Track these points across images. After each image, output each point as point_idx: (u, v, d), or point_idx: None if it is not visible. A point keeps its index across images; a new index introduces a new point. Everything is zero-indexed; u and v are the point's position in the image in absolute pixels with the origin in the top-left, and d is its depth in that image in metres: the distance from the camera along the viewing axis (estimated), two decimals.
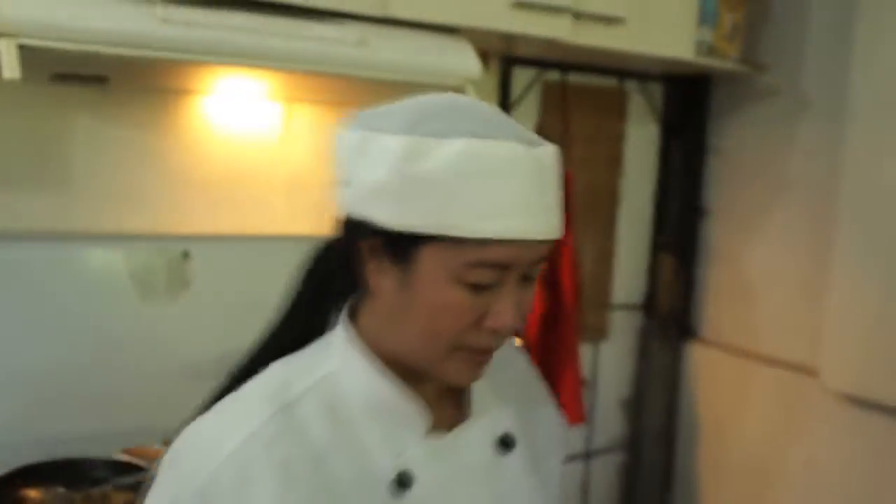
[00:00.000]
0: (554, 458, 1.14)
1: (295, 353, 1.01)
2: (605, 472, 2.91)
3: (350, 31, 1.82)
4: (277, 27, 1.74)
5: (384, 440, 0.95)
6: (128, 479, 1.69)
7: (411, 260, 0.90)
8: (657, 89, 2.85)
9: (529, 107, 2.57)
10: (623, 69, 2.71)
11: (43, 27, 1.52)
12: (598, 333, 2.81)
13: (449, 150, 0.87)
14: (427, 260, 0.89)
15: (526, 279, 0.94)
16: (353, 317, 1.00)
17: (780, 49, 2.63)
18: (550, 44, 2.20)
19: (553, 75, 2.59)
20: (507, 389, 1.08)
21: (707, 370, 2.86)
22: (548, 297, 2.54)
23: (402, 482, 0.94)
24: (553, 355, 2.56)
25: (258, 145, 2.17)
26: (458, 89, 1.97)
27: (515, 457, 1.05)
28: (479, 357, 0.95)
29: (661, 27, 2.35)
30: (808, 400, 2.53)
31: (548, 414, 1.16)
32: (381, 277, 0.93)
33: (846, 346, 2.41)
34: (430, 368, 0.95)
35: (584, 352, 2.69)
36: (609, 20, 2.20)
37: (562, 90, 2.61)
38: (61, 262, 1.90)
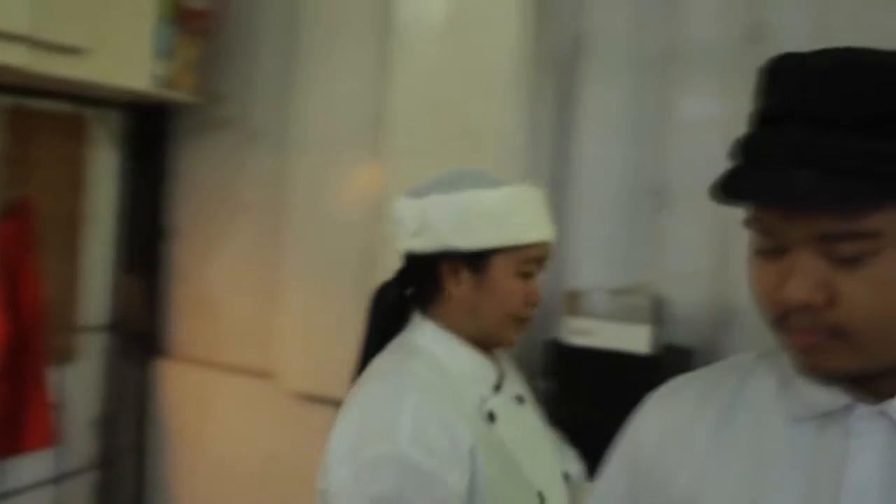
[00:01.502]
0: None
1: (387, 347, 1.48)
2: (79, 493, 2.94)
3: None
4: None
5: (473, 389, 1.41)
6: None
7: (486, 268, 1.40)
8: (117, 117, 2.95)
9: None
10: (83, 96, 2.77)
11: None
12: (66, 355, 2.83)
13: (497, 194, 1.40)
14: (497, 265, 1.40)
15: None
16: (427, 317, 1.45)
17: (233, 82, 2.88)
18: (5, 70, 2.21)
19: (9, 101, 2.58)
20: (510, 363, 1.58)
21: (176, 384, 3.01)
22: (11, 321, 2.52)
23: (491, 417, 1.40)
24: (19, 379, 2.56)
25: None
26: None
27: (529, 407, 1.54)
28: (524, 325, 1.45)
29: (119, 59, 2.47)
30: (267, 401, 2.79)
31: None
32: (458, 285, 1.41)
33: (296, 351, 2.70)
34: (498, 339, 1.45)
35: (52, 374, 2.70)
36: (68, 50, 2.27)
37: (20, 116, 2.61)
38: None
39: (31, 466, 2.73)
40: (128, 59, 2.50)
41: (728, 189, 0.84)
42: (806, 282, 0.81)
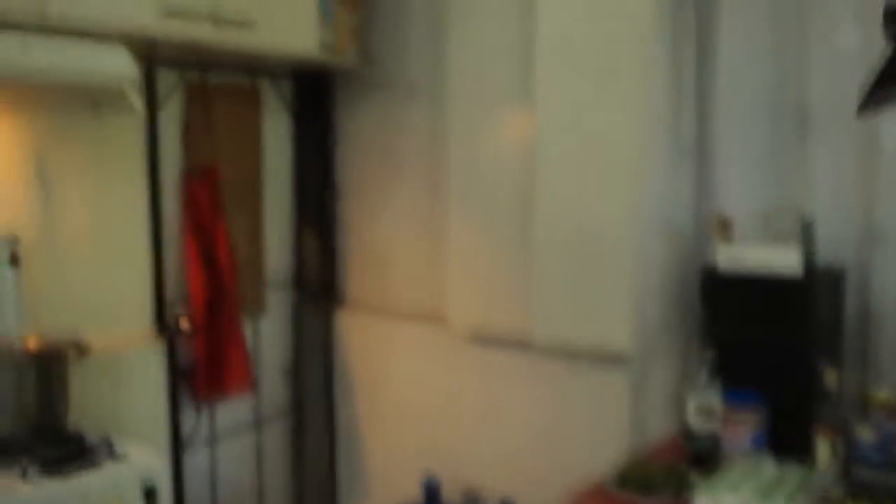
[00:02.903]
0: None
1: None
2: (276, 436, 3.20)
3: (11, 39, 1.95)
4: None
5: None
6: None
7: None
8: (286, 85, 3.16)
9: (174, 106, 2.77)
10: (256, 67, 2.99)
11: None
12: (256, 308, 3.08)
13: None
14: None
15: None
16: None
17: (389, 44, 3.04)
18: (190, 46, 2.44)
19: (193, 76, 2.81)
20: None
21: (355, 332, 3.23)
22: (209, 278, 2.78)
23: None
24: (219, 329, 2.81)
25: None
26: (118, 91, 2.17)
27: None
28: None
29: (287, 28, 2.66)
30: (440, 344, 2.97)
31: None
32: None
33: (464, 295, 2.86)
34: None
35: (245, 327, 2.96)
36: (242, 23, 2.48)
37: (202, 89, 2.84)
38: None
39: (233, 411, 3.00)
40: (295, 27, 2.69)
41: (868, 104, 0.92)
42: None
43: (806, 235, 2.17)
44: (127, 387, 2.61)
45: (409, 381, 3.10)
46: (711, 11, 2.47)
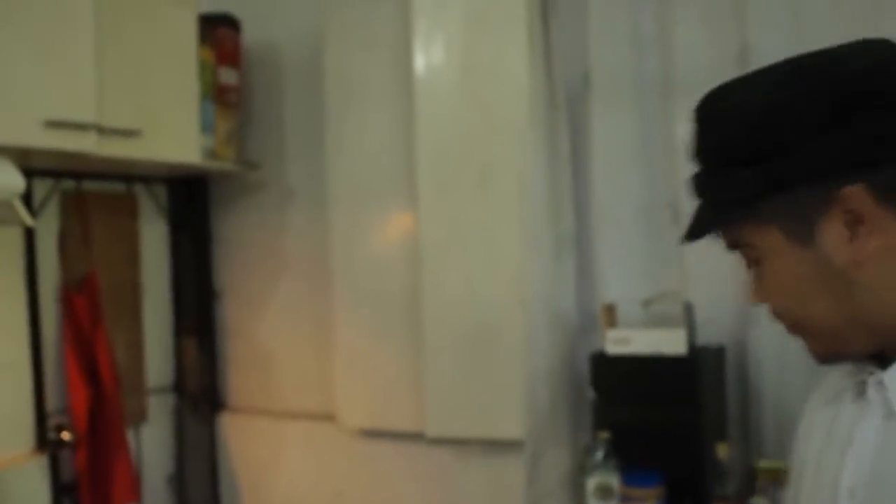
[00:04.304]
0: None
1: None
2: None
3: None
4: None
5: None
6: None
7: None
8: (162, 190, 3.16)
9: (50, 215, 2.74)
10: (131, 174, 2.98)
11: None
12: (138, 417, 3.01)
13: None
14: None
15: None
16: None
17: (267, 148, 3.10)
18: (70, 156, 2.42)
19: (68, 184, 2.78)
20: None
21: (241, 435, 3.19)
22: (90, 390, 2.72)
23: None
24: (102, 441, 2.74)
25: None
26: (5, 204, 2.14)
27: None
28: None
29: (170, 137, 2.68)
30: (330, 441, 2.98)
31: None
32: None
33: (353, 390, 2.89)
34: None
35: (128, 436, 2.89)
36: (128, 133, 2.49)
37: (78, 198, 2.82)
38: None
39: None
40: (177, 136, 2.72)
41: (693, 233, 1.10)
42: (749, 288, 1.08)
43: (687, 317, 2.32)
44: None
45: (298, 480, 3.08)
46: (583, 113, 2.64)
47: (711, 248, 1.10)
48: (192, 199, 3.20)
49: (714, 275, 2.41)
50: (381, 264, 2.83)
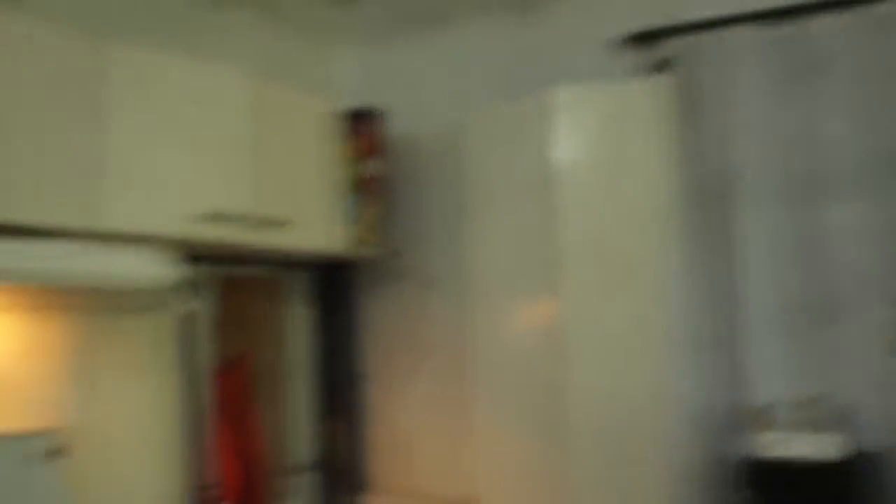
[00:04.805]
0: None
1: None
2: None
3: (66, 246, 2.09)
4: (3, 247, 1.97)
5: None
6: None
7: None
8: (308, 276, 3.31)
9: (208, 297, 2.89)
10: (280, 260, 3.13)
11: None
12: (284, 494, 3.11)
13: None
14: None
15: None
16: None
17: (410, 236, 3.21)
18: (226, 245, 2.58)
19: (222, 271, 2.95)
20: None
21: None
22: (242, 466, 2.83)
23: None
24: None
25: None
26: (160, 293, 2.29)
27: None
28: None
29: (318, 227, 2.83)
30: None
31: None
32: None
33: (492, 479, 2.91)
34: None
35: None
36: (279, 224, 2.64)
37: (231, 284, 2.98)
38: None
39: None
40: (325, 226, 2.86)
41: None
42: None
43: (841, 420, 2.24)
44: None
45: None
46: (732, 208, 2.64)
47: (864, 348, 1.08)
48: (337, 285, 3.33)
49: (872, 376, 2.34)
50: (521, 354, 2.86)
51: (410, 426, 3.21)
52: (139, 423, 2.66)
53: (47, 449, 2.36)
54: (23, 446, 2.33)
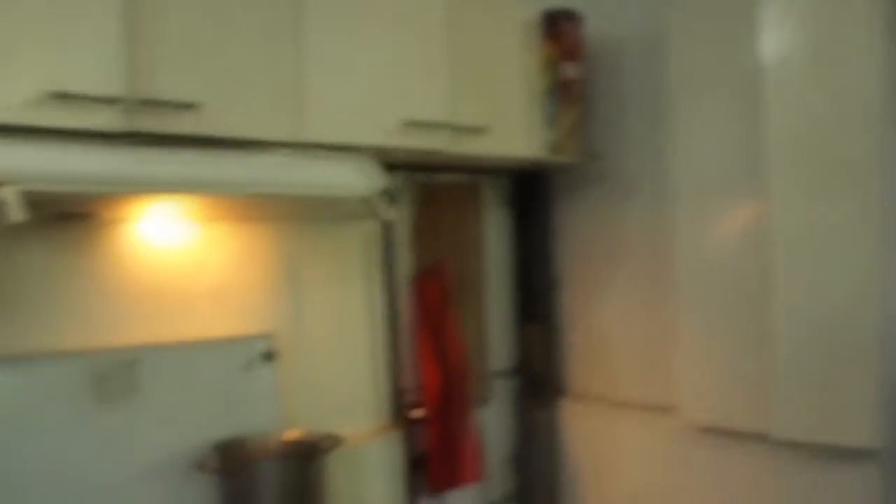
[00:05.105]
0: None
1: None
2: None
3: (277, 157, 2.15)
4: (220, 159, 2.05)
5: None
6: None
7: None
8: (504, 182, 3.29)
9: (405, 205, 2.94)
10: (477, 167, 3.13)
11: (38, 174, 1.77)
12: (482, 399, 3.17)
13: None
14: None
15: None
16: None
17: (606, 140, 3.13)
18: (423, 152, 2.59)
19: (420, 178, 2.97)
20: None
21: (578, 421, 3.27)
22: (441, 371, 2.89)
23: None
24: (451, 421, 2.91)
25: (184, 261, 2.43)
26: (366, 200, 2.33)
27: None
28: None
29: (514, 133, 2.79)
30: (670, 435, 2.96)
31: None
32: None
33: (694, 384, 2.86)
34: None
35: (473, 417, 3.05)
36: (477, 131, 2.62)
37: (429, 190, 3.00)
38: (25, 379, 2.10)
39: (461, 498, 3.08)
40: (522, 131, 2.82)
41: None
42: None
43: None
44: (367, 477, 2.75)
45: (634, 469, 3.10)
46: None
47: None
48: (534, 191, 3.30)
49: None
50: (725, 259, 2.76)
51: (608, 332, 3.18)
52: (343, 329, 2.76)
53: (263, 353, 2.48)
54: (244, 350, 2.45)
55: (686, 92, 2.83)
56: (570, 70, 2.99)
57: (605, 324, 3.19)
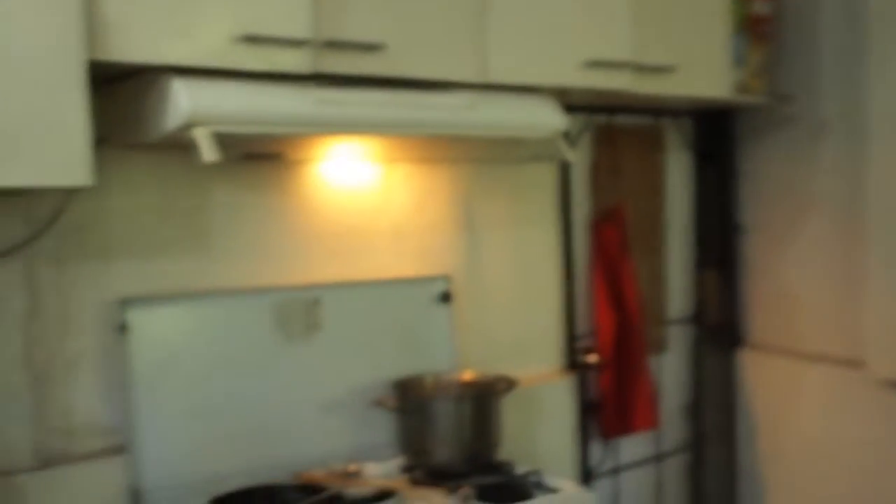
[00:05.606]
0: None
1: None
2: (675, 472, 3.21)
3: (461, 97, 2.13)
4: (405, 99, 2.05)
5: None
6: (318, 497, 1.97)
7: None
8: (688, 124, 3.18)
9: (582, 149, 2.88)
10: (659, 108, 3.03)
11: (230, 116, 1.81)
12: (658, 346, 3.11)
13: None
14: None
15: None
16: None
17: (798, 80, 2.97)
18: (604, 93, 2.52)
19: (600, 119, 2.91)
20: None
21: (758, 372, 3.17)
22: (616, 317, 2.85)
23: None
24: (626, 367, 2.87)
25: (365, 201, 2.46)
26: (549, 141, 2.29)
27: None
28: None
29: (701, 72, 2.68)
30: (854, 389, 2.84)
31: None
32: None
33: (887, 339, 2.72)
34: None
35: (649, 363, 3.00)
36: (662, 70, 2.53)
37: (609, 132, 2.93)
38: (215, 313, 2.18)
39: (634, 444, 3.05)
40: (709, 71, 2.70)
41: None
42: None
43: None
44: (539, 420, 2.75)
45: (817, 425, 2.99)
46: None
47: None
48: (718, 133, 3.18)
49: None
50: None
51: (793, 281, 3.05)
52: (518, 272, 2.75)
53: (440, 293, 2.50)
54: (422, 290, 2.48)
55: (890, 26, 2.65)
56: (761, 7, 2.85)
57: (792, 272, 3.06)
